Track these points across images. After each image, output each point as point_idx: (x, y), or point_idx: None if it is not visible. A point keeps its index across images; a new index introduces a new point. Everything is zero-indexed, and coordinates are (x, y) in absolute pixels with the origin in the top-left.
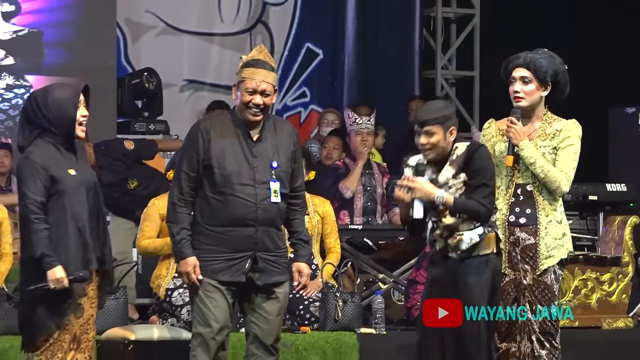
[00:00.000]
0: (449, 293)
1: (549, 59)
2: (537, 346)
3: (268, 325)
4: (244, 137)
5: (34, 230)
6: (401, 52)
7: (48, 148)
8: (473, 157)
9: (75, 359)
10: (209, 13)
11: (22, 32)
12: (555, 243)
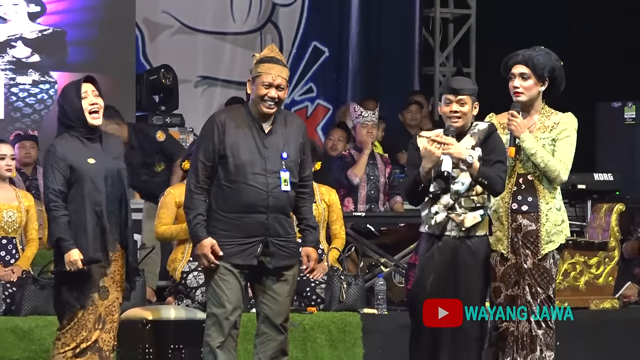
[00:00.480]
0: (448, 272)
1: (546, 56)
2: (534, 326)
3: (278, 306)
4: (257, 129)
5: (53, 217)
6: (402, 50)
7: (71, 141)
8: (493, 136)
9: (100, 338)
10: (222, 13)
11: (47, 32)
12: (555, 229)
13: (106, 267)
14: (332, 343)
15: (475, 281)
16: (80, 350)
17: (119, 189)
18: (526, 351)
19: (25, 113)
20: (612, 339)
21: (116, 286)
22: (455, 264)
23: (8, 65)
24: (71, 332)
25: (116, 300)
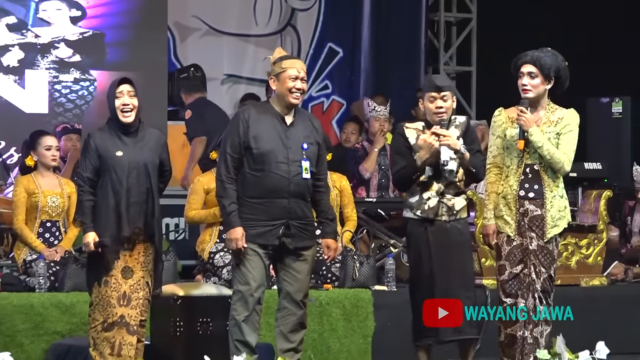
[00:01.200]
0: (443, 252)
1: (552, 57)
2: (537, 302)
3: (298, 283)
4: (279, 122)
5: (79, 201)
6: (409, 50)
7: (107, 133)
8: (471, 128)
9: (127, 314)
10: (246, 17)
11: (87, 34)
12: (559, 214)
13: (118, 250)
14: (346, 317)
15: (467, 259)
16: (107, 325)
17: (144, 182)
18: (532, 325)
19: (68, 108)
20: (601, 313)
21: (141, 267)
22: (448, 245)
23: (52, 64)
24: (99, 308)
25: (141, 279)
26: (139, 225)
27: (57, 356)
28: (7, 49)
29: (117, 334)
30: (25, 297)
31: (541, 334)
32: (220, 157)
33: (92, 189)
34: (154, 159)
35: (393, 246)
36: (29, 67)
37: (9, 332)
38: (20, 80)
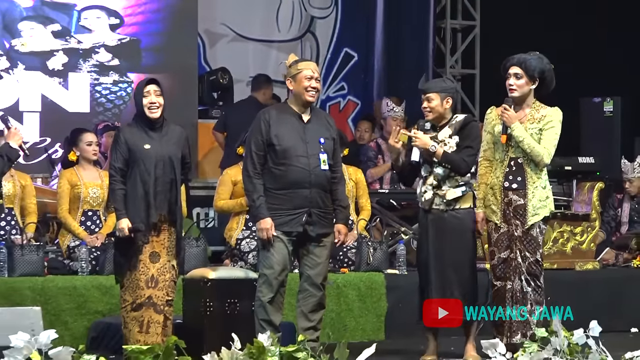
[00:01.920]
0: (441, 238)
1: (538, 60)
2: (524, 284)
3: (318, 267)
4: (297, 120)
5: (111, 190)
6: (418, 55)
7: (135, 128)
8: (469, 125)
9: (154, 295)
10: (269, 25)
11: (125, 40)
12: (540, 204)
13: (148, 235)
14: (361, 298)
15: (465, 244)
16: (136, 305)
17: (169, 173)
18: (519, 304)
19: (107, 108)
20: (593, 295)
21: (167, 251)
22: (445, 231)
23: (93, 68)
24: (128, 290)
25: (167, 263)
26: (163, 212)
27: (98, 333)
28: (52, 54)
29: (145, 313)
30: (69, 280)
31: (531, 313)
32: (246, 155)
33: (123, 179)
34: (177, 152)
35: (404, 233)
36: (72, 70)
37: (55, 311)
38: (64, 82)
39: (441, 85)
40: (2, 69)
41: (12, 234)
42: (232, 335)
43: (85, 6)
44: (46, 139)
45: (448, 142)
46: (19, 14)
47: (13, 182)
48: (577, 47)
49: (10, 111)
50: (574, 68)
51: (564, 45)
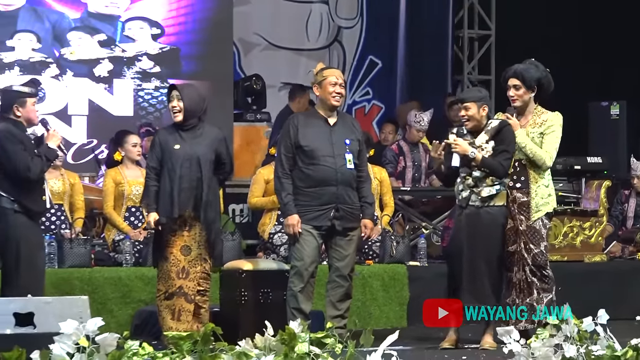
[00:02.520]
0: (474, 232)
1: (534, 69)
2: (529, 275)
3: (345, 259)
4: (324, 123)
5: (145, 186)
6: (438, 62)
7: (170, 130)
8: (503, 130)
9: (185, 285)
10: (299, 34)
11: (165, 49)
12: (542, 201)
13: (173, 228)
14: (384, 288)
15: (496, 238)
16: (168, 295)
17: (196, 171)
18: (523, 294)
19: (149, 111)
20: (601, 285)
21: (198, 245)
22: (478, 226)
23: (136, 74)
24: (162, 280)
25: (199, 255)
26: (188, 208)
27: (141, 321)
28: (98, 62)
29: (176, 302)
30: (115, 271)
31: (537, 301)
32: (277, 157)
33: (156, 176)
34: (207, 152)
35: (425, 228)
36: (117, 77)
37: (101, 300)
38: (109, 88)
39: (477, 94)
40: (52, 75)
41: (61, 229)
42: (265, 323)
43: (129, 17)
44: (93, 141)
45: (485, 147)
46: (67, 25)
47: (62, 181)
48: (587, 54)
49: (60, 115)
50: (584, 74)
51: (573, 53)
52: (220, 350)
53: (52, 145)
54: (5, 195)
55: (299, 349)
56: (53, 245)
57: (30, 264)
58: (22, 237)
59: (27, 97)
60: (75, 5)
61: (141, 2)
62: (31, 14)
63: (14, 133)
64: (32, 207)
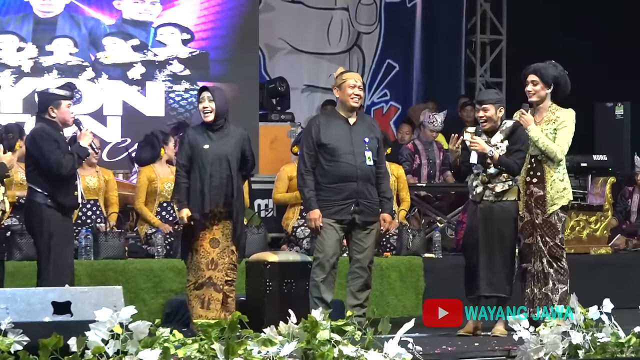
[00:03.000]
0: (487, 225)
1: (552, 68)
2: (546, 266)
3: (365, 252)
4: (344, 123)
5: (176, 183)
6: (452, 65)
7: (199, 130)
8: (517, 130)
9: (214, 275)
10: (321, 40)
11: (195, 53)
12: (557, 195)
13: (204, 223)
14: (401, 278)
15: (509, 230)
16: (198, 285)
17: (225, 169)
18: (540, 284)
19: (180, 112)
20: (606, 276)
21: (226, 238)
22: (493, 219)
23: (167, 77)
24: (191, 271)
25: (227, 248)
26: (219, 204)
27: (172, 309)
28: (132, 65)
29: (206, 292)
30: (147, 262)
31: (552, 291)
32: (300, 155)
33: (186, 174)
34: (235, 151)
35: (439, 222)
36: (149, 79)
37: (134, 290)
38: (142, 90)
39: (496, 97)
40: (88, 78)
41: (97, 223)
42: (289, 311)
43: (160, 24)
44: (126, 140)
45: (500, 146)
46: (103, 31)
47: (98, 177)
48: (592, 58)
49: (96, 115)
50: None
51: (579, 56)
52: (246, 337)
53: (84, 144)
54: (39, 190)
55: (320, 336)
56: (89, 238)
57: (60, 257)
58: (53, 231)
59: (62, 100)
60: (110, 12)
61: (172, 9)
62: (69, 20)
63: (48, 132)
64: (65, 202)
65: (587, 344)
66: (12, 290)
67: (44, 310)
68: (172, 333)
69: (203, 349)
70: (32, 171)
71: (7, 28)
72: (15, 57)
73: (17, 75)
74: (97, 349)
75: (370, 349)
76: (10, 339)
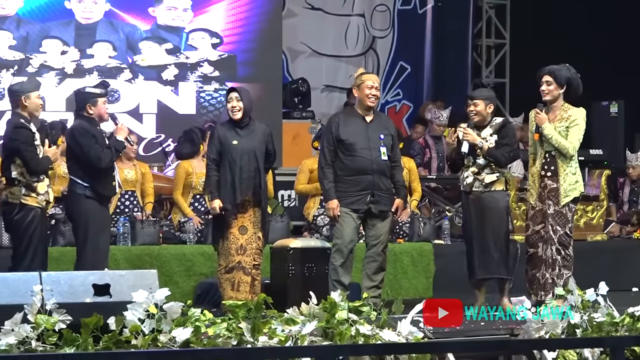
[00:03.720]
0: (479, 214)
1: (565, 70)
2: (554, 252)
3: (380, 238)
4: (361, 120)
5: (207, 176)
6: (459, 67)
7: (226, 126)
8: (506, 127)
9: (243, 260)
10: (339, 43)
11: (224, 56)
12: (570, 187)
13: (235, 213)
14: (413, 263)
15: (499, 220)
16: (228, 269)
17: (253, 163)
18: (550, 269)
19: (210, 110)
20: (602, 261)
21: (253, 225)
22: (484, 208)
23: (198, 78)
24: (222, 256)
25: (254, 234)
26: (249, 195)
27: (202, 291)
28: (165, 67)
29: (235, 275)
30: (180, 248)
31: (558, 276)
32: (320, 150)
33: (216, 167)
34: (261, 146)
35: (448, 211)
36: (182, 80)
37: (168, 273)
38: (175, 90)
39: (486, 94)
40: (126, 79)
41: (134, 212)
42: (310, 293)
43: (192, 29)
44: (161, 136)
45: (489, 140)
46: (139, 36)
47: (135, 170)
48: (588, 60)
49: (132, 113)
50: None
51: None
52: (270, 316)
53: (120, 137)
54: (79, 182)
55: (339, 315)
56: (127, 226)
57: (96, 244)
58: (90, 220)
59: (98, 97)
60: (146, 18)
61: (203, 15)
62: (108, 26)
63: (86, 128)
64: (103, 192)
65: (585, 324)
66: (56, 274)
67: (85, 292)
68: (202, 313)
69: (231, 328)
70: (72, 164)
71: (51, 33)
72: (59, 59)
73: (61, 77)
74: (134, 327)
75: (384, 328)
76: (54, 318)
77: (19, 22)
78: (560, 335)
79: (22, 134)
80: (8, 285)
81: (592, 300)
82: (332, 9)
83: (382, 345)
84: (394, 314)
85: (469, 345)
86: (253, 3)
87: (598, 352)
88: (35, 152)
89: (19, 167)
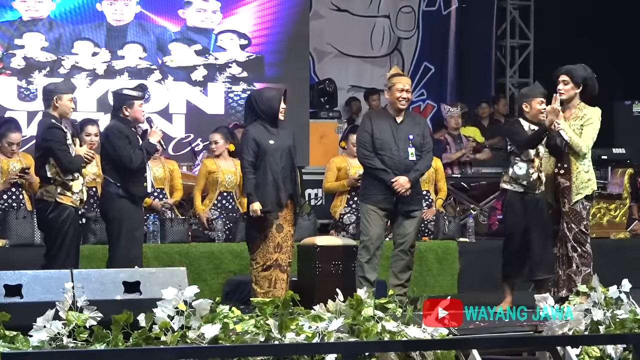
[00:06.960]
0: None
1: (582, 69)
2: (570, 250)
3: (407, 236)
4: (392, 121)
5: (246, 179)
6: (483, 67)
7: (259, 127)
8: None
9: (279, 258)
10: (365, 44)
11: (251, 57)
12: (582, 185)
13: (278, 214)
14: (438, 260)
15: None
16: (266, 267)
17: (290, 161)
18: (565, 266)
19: (238, 110)
20: (625, 258)
21: (288, 224)
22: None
23: (227, 79)
24: (260, 254)
25: (289, 232)
26: (289, 192)
27: (231, 288)
28: (195, 68)
29: (273, 273)
30: (208, 246)
31: (575, 273)
32: (358, 145)
33: (253, 169)
34: (292, 143)
35: (473, 209)
36: (210, 81)
37: (197, 270)
38: (204, 90)
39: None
40: (156, 80)
41: (163, 209)
42: (336, 290)
43: (220, 30)
44: (190, 135)
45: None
46: (169, 37)
47: (163, 168)
48: (611, 60)
49: (162, 113)
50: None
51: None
52: (298, 313)
53: (153, 140)
54: (112, 181)
55: (365, 312)
56: (156, 224)
57: (129, 242)
58: (124, 219)
59: (135, 100)
60: (176, 20)
61: (231, 17)
62: (138, 28)
63: (121, 129)
64: (135, 192)
65: (607, 320)
66: (87, 271)
67: (116, 289)
68: (231, 310)
69: (259, 325)
70: (106, 164)
71: (83, 35)
72: (91, 61)
73: (92, 78)
74: (163, 324)
75: (410, 325)
76: (85, 314)
77: (52, 24)
78: (583, 331)
79: (54, 134)
80: (40, 283)
81: (615, 297)
82: (358, 10)
83: (407, 342)
84: (419, 311)
85: (493, 342)
86: (280, 5)
87: (621, 349)
88: (67, 151)
89: (53, 167)
